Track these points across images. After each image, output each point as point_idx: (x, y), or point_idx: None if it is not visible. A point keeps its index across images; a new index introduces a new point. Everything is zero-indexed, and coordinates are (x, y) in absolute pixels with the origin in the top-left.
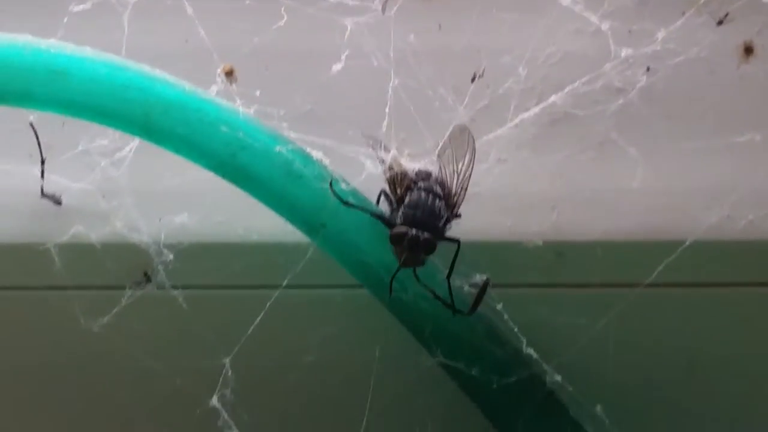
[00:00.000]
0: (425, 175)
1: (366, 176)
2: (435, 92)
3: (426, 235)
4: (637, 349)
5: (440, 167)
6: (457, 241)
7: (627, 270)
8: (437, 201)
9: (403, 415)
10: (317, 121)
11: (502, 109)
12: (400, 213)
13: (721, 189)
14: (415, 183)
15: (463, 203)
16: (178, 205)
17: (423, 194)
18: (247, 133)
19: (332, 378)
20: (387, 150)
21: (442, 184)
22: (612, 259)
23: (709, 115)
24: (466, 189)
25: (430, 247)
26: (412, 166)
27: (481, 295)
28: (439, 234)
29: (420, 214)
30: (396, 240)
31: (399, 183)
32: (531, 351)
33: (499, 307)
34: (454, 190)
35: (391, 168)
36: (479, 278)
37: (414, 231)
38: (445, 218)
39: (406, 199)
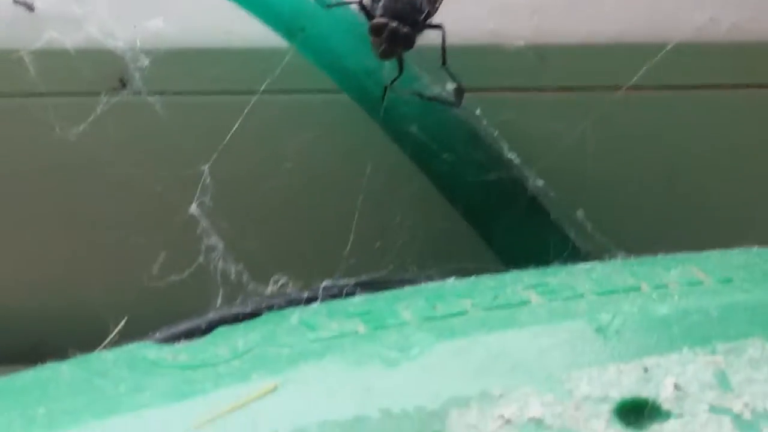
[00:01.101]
0: None
1: None
2: None
3: (406, 28)
4: (619, 154)
5: None
6: (440, 27)
7: (609, 73)
8: None
9: (383, 214)
10: None
11: None
12: (380, 6)
13: None
14: None
15: (442, 5)
16: (154, 9)
17: None
18: None
19: (311, 184)
20: None
21: None
22: (594, 62)
23: None
24: None
25: (409, 41)
26: None
27: (461, 93)
28: (419, 27)
29: (400, 6)
30: (375, 31)
31: None
32: (512, 156)
33: (478, 112)
34: None
35: None
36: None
37: (395, 23)
38: (425, 12)
39: None
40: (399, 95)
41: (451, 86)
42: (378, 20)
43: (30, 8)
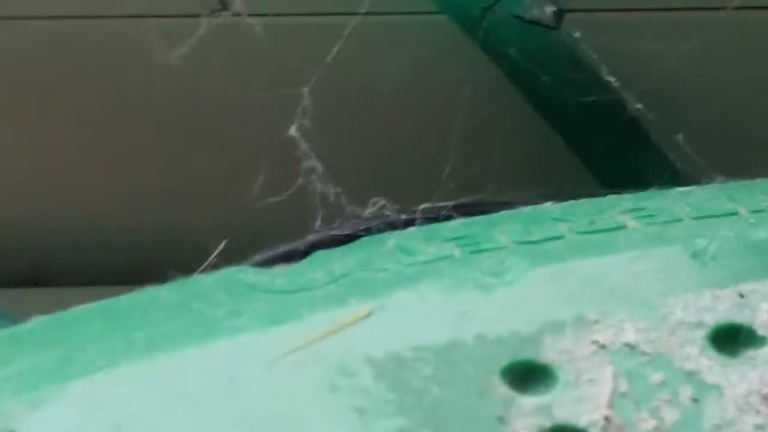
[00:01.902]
0: None
1: None
2: None
3: None
4: (723, 78)
5: None
6: None
7: None
8: None
9: (483, 138)
10: None
11: None
12: None
13: None
14: None
15: None
16: None
17: None
18: None
19: (411, 106)
20: None
21: None
22: None
23: None
24: None
25: None
26: None
27: (561, 16)
28: None
29: None
30: None
31: None
32: (611, 78)
33: (577, 34)
34: None
35: None
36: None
37: None
38: None
39: None
40: (498, 17)
41: (550, 8)
42: None
43: None
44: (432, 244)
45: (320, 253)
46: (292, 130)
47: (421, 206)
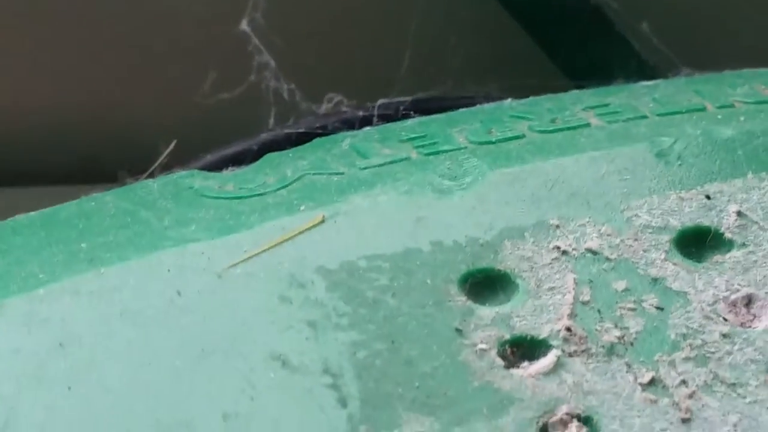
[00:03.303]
0: None
1: None
2: None
3: None
4: None
5: None
6: None
7: None
8: None
9: (442, 30)
10: None
11: None
12: None
13: None
14: None
15: None
16: None
17: None
18: None
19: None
20: None
21: None
22: None
23: None
24: None
25: None
26: None
27: None
28: None
29: None
30: None
31: None
32: None
33: None
34: None
35: None
36: None
37: None
38: None
39: None
40: None
41: None
42: None
43: None
44: (388, 145)
45: (272, 156)
46: (243, 24)
47: (379, 102)
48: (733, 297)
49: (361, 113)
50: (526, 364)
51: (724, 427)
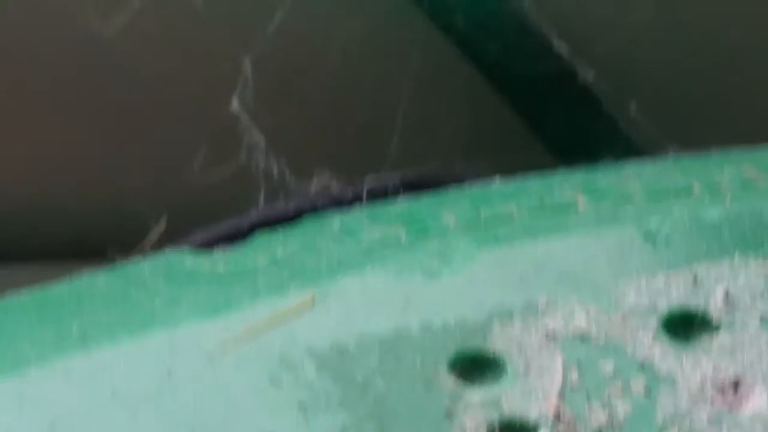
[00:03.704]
0: None
1: None
2: None
3: None
4: (679, 42)
5: None
6: None
7: None
8: None
9: (432, 109)
10: None
11: None
12: None
13: None
14: None
15: None
16: None
17: None
18: None
19: (357, 76)
20: None
21: None
22: None
23: None
24: None
25: None
26: None
27: None
28: None
29: None
30: None
31: None
32: (562, 44)
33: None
34: None
35: None
36: None
37: None
38: None
39: None
40: None
41: None
42: None
43: None
44: (377, 225)
45: (262, 235)
46: (234, 103)
47: (368, 179)
48: (720, 380)
49: (350, 192)
50: None
51: None
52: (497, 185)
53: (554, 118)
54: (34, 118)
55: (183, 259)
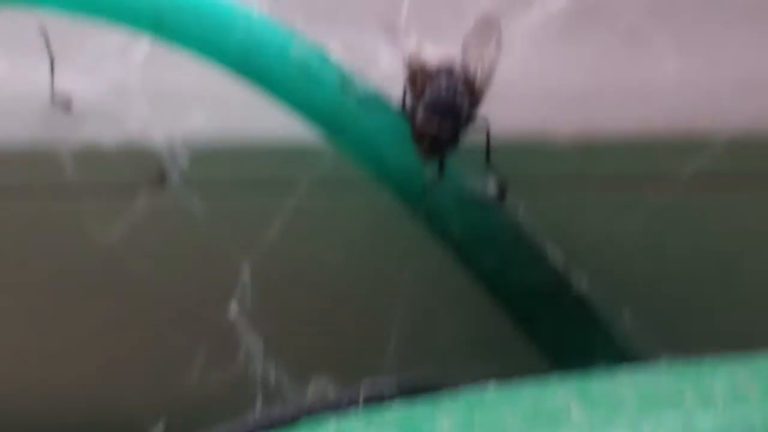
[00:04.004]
0: (447, 69)
1: (383, 70)
2: None
3: (448, 130)
4: (669, 251)
5: (463, 59)
6: (485, 122)
7: (659, 167)
8: (459, 94)
9: (427, 315)
10: (334, 16)
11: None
12: (420, 107)
13: (761, 79)
14: (437, 76)
15: (487, 98)
16: (195, 104)
17: (444, 87)
18: (262, 33)
19: (353, 283)
20: (406, 39)
21: (465, 77)
22: (643, 155)
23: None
24: (490, 81)
25: (453, 141)
26: (433, 55)
27: (504, 191)
28: (462, 125)
29: (441, 107)
30: (418, 135)
31: (420, 77)
32: (557, 254)
33: (525, 205)
34: (478, 83)
35: (411, 63)
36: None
37: (436, 124)
38: (468, 111)
39: (427, 93)
40: (441, 193)
41: (493, 184)
42: (420, 128)
43: (67, 108)
44: (373, 429)
45: None
46: (232, 309)
47: (365, 383)
48: None
49: (346, 397)
50: None
51: None
52: (492, 390)
53: (549, 324)
54: (30, 320)
55: None
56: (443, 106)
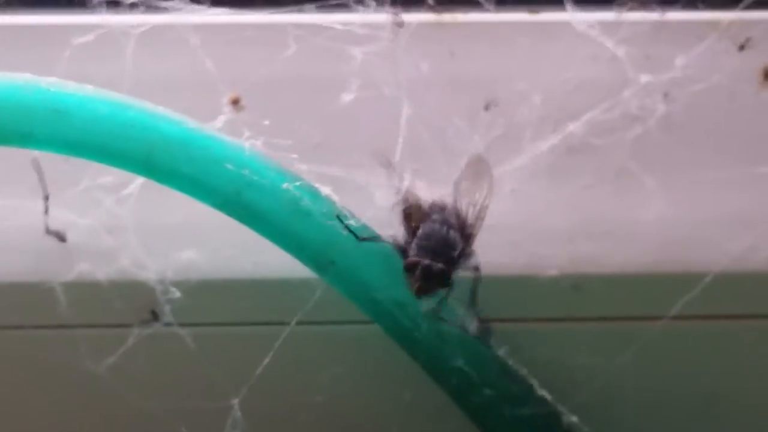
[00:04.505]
0: (440, 208)
1: (377, 208)
2: (449, 121)
3: (440, 265)
4: (658, 387)
5: (455, 199)
6: (477, 269)
7: (646, 304)
8: (452, 232)
9: None
10: (327, 153)
11: (517, 138)
12: (414, 244)
13: (742, 219)
14: (430, 215)
15: (477, 235)
16: (185, 241)
17: (437, 225)
18: (253, 170)
19: (344, 418)
20: (400, 177)
21: (457, 215)
22: (631, 292)
23: (729, 143)
24: (482, 220)
25: (443, 277)
26: (426, 195)
27: (488, 328)
28: (454, 264)
29: (434, 244)
30: (409, 269)
31: (413, 215)
32: (544, 392)
33: (514, 344)
34: (469, 221)
35: (405, 200)
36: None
37: (427, 261)
38: (460, 249)
39: (420, 231)
40: (430, 328)
41: (477, 322)
42: (411, 259)
43: (62, 239)
44: None
45: None
46: None
47: None
48: None
49: None
50: None
51: None
52: None
53: None
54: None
55: None
56: (436, 242)
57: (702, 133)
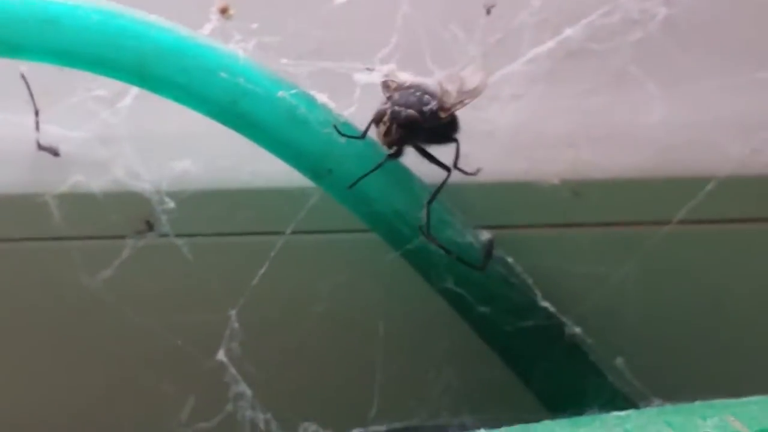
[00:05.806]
0: (420, 83)
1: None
2: (445, 26)
3: (409, 111)
4: (661, 293)
5: (439, 82)
6: (447, 168)
7: (648, 209)
8: (427, 96)
9: (417, 360)
10: (319, 55)
11: (516, 44)
12: (388, 105)
13: (745, 123)
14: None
15: (474, 141)
16: (180, 151)
17: (413, 90)
18: (247, 79)
19: (342, 327)
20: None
21: (437, 92)
22: (632, 197)
23: (732, 47)
24: (462, 104)
25: (413, 122)
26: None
27: (490, 252)
28: (424, 116)
29: (406, 100)
30: (378, 119)
31: (393, 87)
32: (547, 304)
33: (515, 252)
34: (450, 102)
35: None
36: (486, 236)
37: (397, 107)
38: (433, 106)
39: (396, 95)
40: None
41: (485, 236)
42: (380, 108)
43: (55, 153)
44: None
45: None
46: (221, 354)
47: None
48: None
49: None
50: None
51: None
52: None
53: (543, 371)
54: (15, 364)
55: None
56: (408, 98)
57: (704, 37)
